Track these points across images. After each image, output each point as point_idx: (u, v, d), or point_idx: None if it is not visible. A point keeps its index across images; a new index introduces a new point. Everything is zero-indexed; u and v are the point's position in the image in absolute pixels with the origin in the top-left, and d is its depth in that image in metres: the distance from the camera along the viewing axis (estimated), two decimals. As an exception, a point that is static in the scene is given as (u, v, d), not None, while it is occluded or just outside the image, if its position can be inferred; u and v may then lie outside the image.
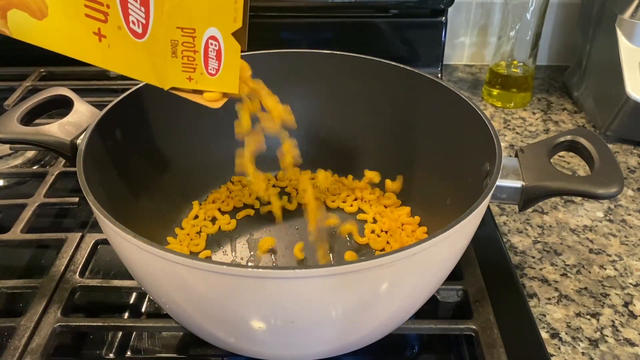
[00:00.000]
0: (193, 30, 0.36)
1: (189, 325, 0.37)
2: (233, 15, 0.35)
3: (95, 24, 0.36)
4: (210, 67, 0.37)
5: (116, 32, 0.36)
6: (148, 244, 0.30)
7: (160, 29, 0.36)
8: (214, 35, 0.36)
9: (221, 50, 0.36)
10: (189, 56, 0.37)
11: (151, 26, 0.36)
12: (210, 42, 0.36)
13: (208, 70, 0.37)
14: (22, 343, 0.39)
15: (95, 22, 0.36)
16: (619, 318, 0.44)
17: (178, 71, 0.38)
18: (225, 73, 0.37)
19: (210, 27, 0.36)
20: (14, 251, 0.50)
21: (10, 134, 0.42)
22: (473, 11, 0.82)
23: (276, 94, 0.53)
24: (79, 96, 0.46)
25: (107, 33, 0.36)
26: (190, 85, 0.38)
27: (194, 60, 0.37)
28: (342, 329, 0.34)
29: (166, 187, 0.50)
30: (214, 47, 0.36)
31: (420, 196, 0.51)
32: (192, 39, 0.36)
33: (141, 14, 0.36)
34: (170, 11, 0.35)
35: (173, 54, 0.37)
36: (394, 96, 0.51)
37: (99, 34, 0.36)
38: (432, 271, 0.35)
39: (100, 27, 0.36)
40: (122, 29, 0.36)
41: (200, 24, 0.36)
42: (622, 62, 0.64)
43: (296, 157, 0.45)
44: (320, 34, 0.76)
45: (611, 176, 0.38)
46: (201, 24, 0.36)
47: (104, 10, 0.35)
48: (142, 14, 0.36)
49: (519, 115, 0.73)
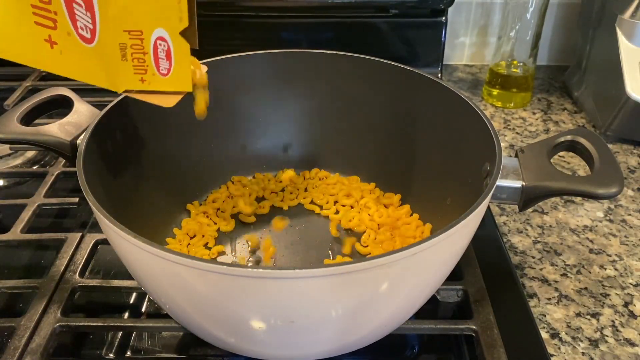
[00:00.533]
0: (140, 33, 0.36)
1: (189, 325, 0.37)
2: (178, 15, 0.35)
3: (45, 31, 0.36)
4: (161, 67, 0.37)
5: (66, 38, 0.36)
6: (148, 244, 0.30)
7: (107, 33, 0.36)
8: (162, 36, 0.36)
9: (170, 50, 0.36)
10: (139, 58, 0.37)
11: (99, 31, 0.36)
12: (159, 43, 0.36)
13: (160, 70, 0.37)
14: (22, 343, 0.39)
15: (46, 30, 0.36)
16: (619, 318, 0.44)
17: (130, 74, 0.38)
18: (177, 72, 0.37)
19: (157, 28, 0.36)
20: (14, 251, 0.50)
21: (10, 134, 0.42)
22: (473, 11, 0.82)
23: (276, 94, 0.54)
24: (79, 96, 0.46)
25: (57, 40, 0.36)
26: (144, 86, 0.38)
27: (144, 62, 0.37)
28: (342, 329, 0.34)
29: (166, 187, 0.50)
30: (163, 48, 0.36)
31: (420, 196, 0.51)
32: (141, 41, 0.36)
33: (88, 19, 0.36)
34: (116, 15, 0.35)
35: (123, 57, 0.37)
36: (394, 96, 0.51)
37: (50, 40, 0.36)
38: (432, 271, 0.35)
39: (51, 34, 0.36)
40: (71, 34, 0.36)
41: (146, 25, 0.36)
42: (622, 62, 0.64)
43: None
44: (320, 34, 0.76)
45: (611, 176, 0.38)
46: (147, 25, 0.36)
47: (52, 17, 0.35)
48: (88, 19, 0.36)
49: (519, 115, 0.73)
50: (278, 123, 0.54)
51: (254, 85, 0.52)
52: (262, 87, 0.53)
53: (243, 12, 0.74)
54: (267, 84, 0.53)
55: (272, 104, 0.54)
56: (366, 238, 0.49)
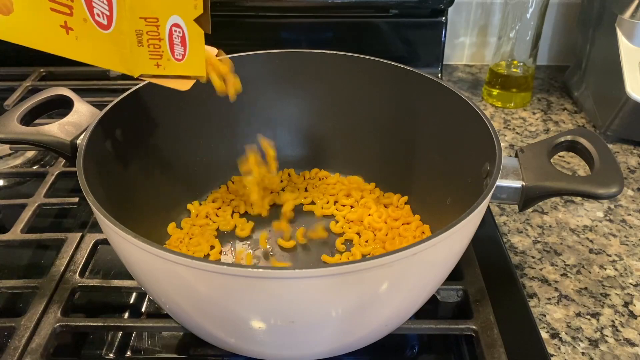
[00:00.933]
0: (156, 20, 0.37)
1: (189, 325, 0.37)
2: (193, 3, 0.36)
3: (61, 17, 0.37)
4: (176, 52, 0.38)
5: (82, 25, 0.37)
6: (148, 244, 0.30)
7: (124, 20, 0.37)
8: (177, 23, 0.37)
9: (185, 36, 0.38)
10: (155, 44, 0.38)
11: (115, 18, 0.37)
12: (174, 30, 0.38)
13: (174, 56, 0.39)
14: (22, 343, 0.39)
15: (61, 16, 0.37)
16: (619, 318, 0.44)
17: (146, 59, 0.39)
18: (192, 58, 0.39)
19: (172, 15, 0.37)
20: (14, 251, 0.50)
21: (10, 134, 0.42)
22: (473, 11, 0.82)
23: (276, 94, 0.54)
24: (79, 96, 0.46)
25: (73, 26, 0.37)
26: (159, 71, 0.39)
27: (159, 47, 0.38)
28: (342, 329, 0.34)
29: (166, 187, 0.50)
30: (178, 34, 0.38)
31: (420, 196, 0.51)
32: (156, 28, 0.38)
33: (104, 6, 0.37)
34: (133, 3, 0.37)
35: (139, 42, 0.38)
36: (394, 96, 0.51)
37: (66, 26, 0.37)
38: (432, 271, 0.35)
39: (67, 20, 0.37)
40: (87, 21, 0.37)
41: (162, 13, 0.37)
42: (622, 62, 0.64)
43: None
44: (320, 34, 0.76)
45: (611, 176, 0.38)
46: (163, 13, 0.37)
47: (68, 3, 0.36)
48: (105, 6, 0.37)
49: (519, 115, 0.73)
50: (278, 123, 0.54)
51: (254, 85, 0.52)
52: (262, 87, 0.53)
53: (243, 12, 0.74)
54: (267, 84, 0.53)
55: (272, 104, 0.54)
56: (366, 238, 0.49)
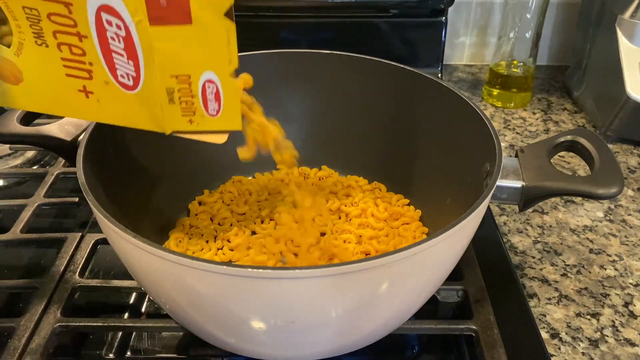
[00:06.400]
0: (188, 77, 0.35)
1: (189, 325, 0.37)
2: (228, 58, 0.34)
3: (79, 82, 0.35)
4: (210, 108, 0.36)
5: (104, 87, 0.35)
6: (148, 244, 0.30)
7: (153, 79, 0.35)
8: (211, 79, 0.35)
9: (219, 91, 0.35)
10: (187, 101, 0.36)
11: (143, 78, 0.35)
12: (207, 85, 0.35)
13: (208, 112, 0.36)
14: (22, 343, 0.39)
15: (79, 80, 0.35)
16: (619, 318, 0.44)
17: (178, 116, 0.36)
18: (227, 112, 0.36)
19: (205, 71, 0.35)
20: (14, 251, 0.50)
21: (10, 134, 0.42)
22: (473, 11, 0.82)
23: (276, 94, 0.54)
24: (79, 96, 0.45)
25: (94, 89, 0.35)
26: (192, 127, 0.37)
27: (192, 104, 0.36)
28: (342, 329, 0.34)
29: (166, 186, 0.50)
30: (211, 90, 0.35)
31: (420, 196, 0.51)
32: (189, 85, 0.35)
33: (130, 68, 0.34)
34: (162, 62, 0.34)
35: (170, 100, 0.36)
36: (394, 96, 0.51)
37: (85, 90, 0.35)
38: (432, 271, 0.35)
39: (85, 85, 0.35)
40: (110, 83, 0.35)
41: (194, 69, 0.35)
42: (622, 62, 0.64)
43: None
44: (320, 34, 0.76)
45: (611, 176, 0.39)
46: (196, 69, 0.35)
47: (87, 67, 0.34)
48: (130, 67, 0.34)
49: (519, 115, 0.73)
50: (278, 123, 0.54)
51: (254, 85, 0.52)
52: (262, 87, 0.52)
53: (243, 12, 0.74)
54: (267, 84, 0.53)
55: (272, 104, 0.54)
56: (366, 238, 0.49)
